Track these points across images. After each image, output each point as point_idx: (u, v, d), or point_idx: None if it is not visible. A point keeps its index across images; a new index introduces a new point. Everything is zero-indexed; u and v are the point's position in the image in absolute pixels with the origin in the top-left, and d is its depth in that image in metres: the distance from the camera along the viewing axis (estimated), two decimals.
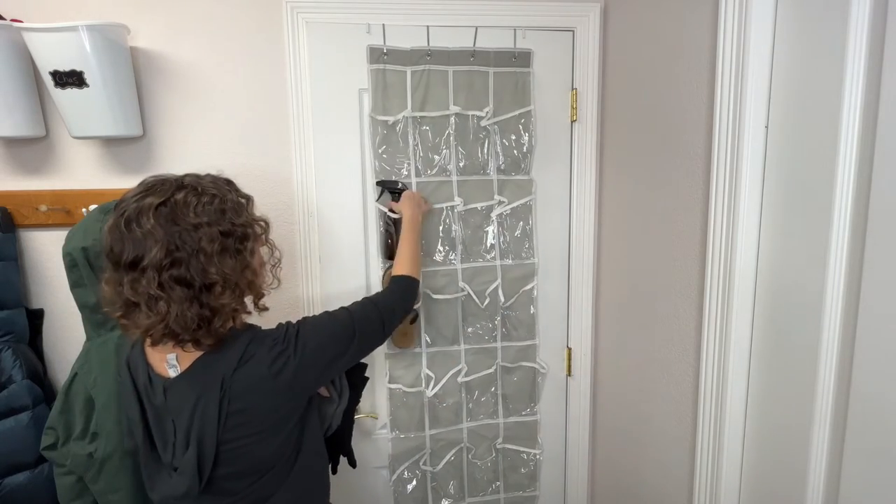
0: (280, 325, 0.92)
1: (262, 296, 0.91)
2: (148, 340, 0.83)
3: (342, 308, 0.99)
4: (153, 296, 0.75)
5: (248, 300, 0.89)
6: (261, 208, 0.97)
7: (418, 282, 1.11)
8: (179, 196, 0.78)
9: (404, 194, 1.33)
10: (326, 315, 0.96)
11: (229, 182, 0.88)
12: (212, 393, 0.81)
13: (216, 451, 0.82)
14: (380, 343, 1.04)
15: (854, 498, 0.80)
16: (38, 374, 1.35)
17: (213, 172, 0.88)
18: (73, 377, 1.27)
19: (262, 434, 0.86)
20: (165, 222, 0.75)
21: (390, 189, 1.36)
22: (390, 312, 1.03)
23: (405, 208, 1.28)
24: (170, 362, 0.83)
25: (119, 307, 0.79)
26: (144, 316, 0.77)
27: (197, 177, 0.84)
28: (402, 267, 1.15)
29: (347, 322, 0.95)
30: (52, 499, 1.30)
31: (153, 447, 0.90)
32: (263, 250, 0.92)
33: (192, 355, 0.84)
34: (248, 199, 0.89)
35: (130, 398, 0.89)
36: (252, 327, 0.89)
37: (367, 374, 1.14)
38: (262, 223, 0.90)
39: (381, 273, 1.42)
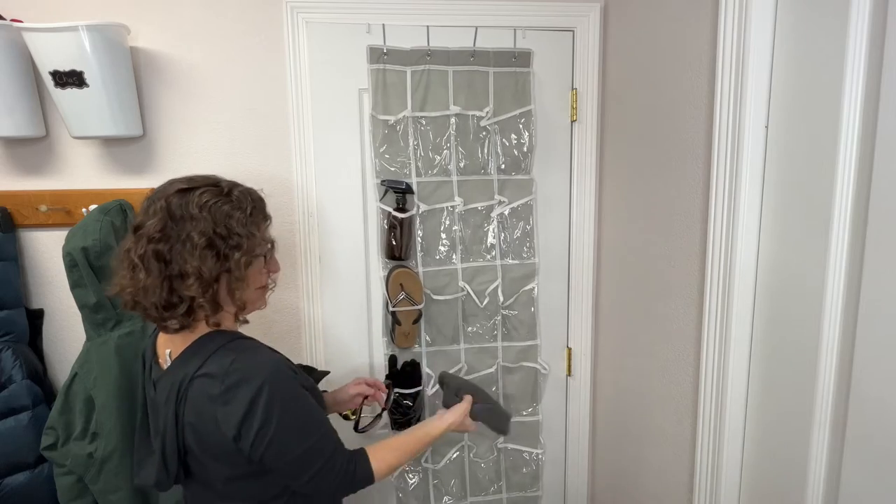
0: (254, 364, 0.83)
1: (244, 309, 0.89)
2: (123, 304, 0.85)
3: (324, 419, 0.89)
4: (135, 264, 0.80)
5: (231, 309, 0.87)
6: None
7: (370, 483, 0.92)
8: (199, 191, 0.82)
9: (459, 408, 1.10)
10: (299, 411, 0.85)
11: (259, 199, 0.90)
12: (172, 395, 0.81)
13: (181, 454, 0.83)
14: (297, 481, 0.87)
15: (854, 498, 0.80)
16: (38, 374, 1.35)
17: (257, 189, 0.92)
18: (73, 377, 1.27)
19: (214, 457, 0.83)
20: (175, 206, 0.80)
21: (394, 189, 1.36)
22: (332, 476, 0.87)
23: (452, 415, 1.08)
24: (166, 356, 0.86)
25: (122, 273, 0.83)
26: (122, 277, 0.82)
27: (233, 184, 0.88)
28: (380, 458, 0.94)
29: (313, 436, 0.85)
30: (52, 499, 1.30)
31: (148, 434, 0.93)
32: (262, 270, 0.91)
33: (177, 351, 0.85)
34: (267, 218, 0.92)
35: (141, 388, 0.94)
36: (232, 334, 0.86)
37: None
38: (267, 244, 0.91)
39: (382, 273, 1.42)
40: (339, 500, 1.00)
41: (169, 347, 0.87)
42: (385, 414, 1.22)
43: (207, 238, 0.80)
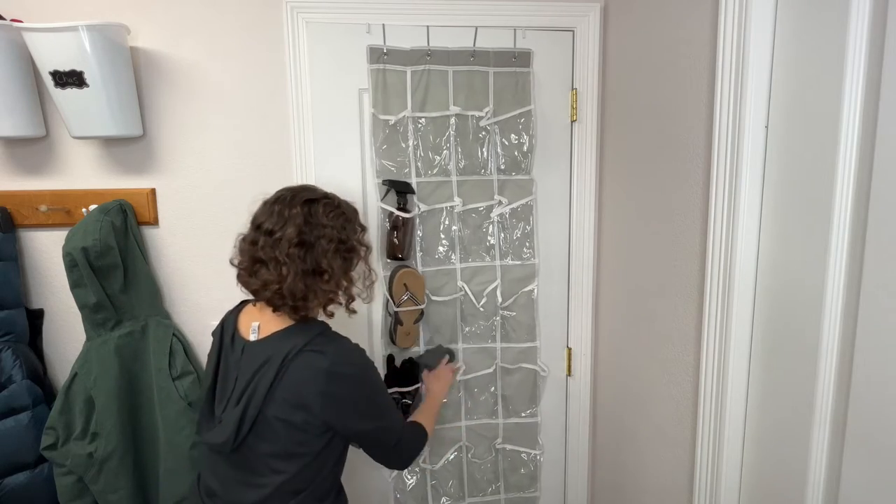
0: (356, 346, 1.02)
1: (354, 300, 1.07)
2: (251, 304, 1.03)
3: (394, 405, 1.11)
4: (280, 260, 0.93)
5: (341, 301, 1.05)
6: None
7: (427, 438, 1.18)
8: (322, 203, 0.99)
9: (436, 373, 1.39)
10: (385, 391, 1.08)
11: (356, 211, 1.07)
12: (274, 362, 0.93)
13: (256, 417, 0.93)
14: (376, 453, 1.08)
15: (854, 498, 0.80)
16: (38, 374, 1.35)
17: (349, 201, 1.07)
18: (73, 377, 1.27)
19: (291, 423, 0.94)
20: (306, 213, 0.96)
21: (396, 189, 1.36)
22: (406, 443, 1.10)
23: (434, 384, 1.36)
24: (253, 328, 1.00)
25: (245, 263, 0.98)
26: (267, 273, 0.94)
27: (337, 197, 1.04)
28: (421, 420, 1.20)
29: (389, 420, 1.05)
30: (52, 499, 1.30)
31: (213, 399, 1.03)
32: (361, 268, 1.10)
33: (270, 328, 0.99)
34: (365, 228, 1.08)
35: (213, 352, 1.05)
36: (325, 324, 1.03)
37: None
38: (366, 247, 1.07)
39: (385, 273, 1.41)
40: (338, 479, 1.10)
41: (258, 321, 1.00)
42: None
43: (335, 243, 0.97)
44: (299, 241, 0.94)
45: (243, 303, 1.09)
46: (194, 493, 1.06)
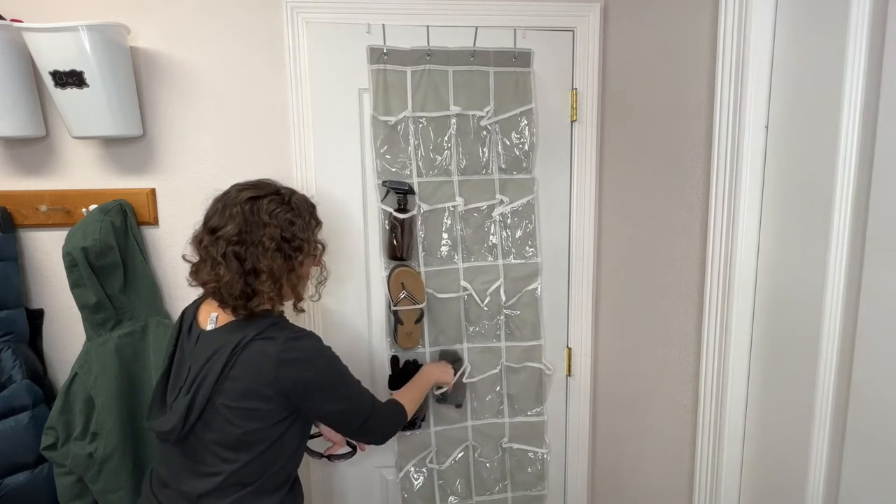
0: (310, 333, 1.01)
1: (301, 299, 1.06)
2: (206, 300, 1.03)
3: (359, 383, 1.08)
4: (217, 260, 0.93)
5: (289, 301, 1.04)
6: None
7: (407, 417, 1.17)
8: (266, 199, 0.96)
9: (440, 362, 1.41)
10: (346, 373, 1.05)
11: (312, 206, 1.05)
12: (224, 351, 0.93)
13: (205, 406, 0.93)
14: (346, 432, 1.12)
15: (854, 498, 0.80)
16: (38, 374, 1.35)
17: (308, 196, 1.06)
18: (73, 377, 1.27)
19: (241, 412, 0.93)
20: (247, 212, 0.94)
21: (396, 189, 1.36)
22: (377, 419, 1.09)
23: (431, 367, 1.38)
24: (211, 318, 1.00)
25: (193, 259, 1.00)
26: (206, 273, 0.95)
27: (291, 191, 1.03)
28: (403, 398, 1.20)
29: (355, 391, 1.05)
30: (52, 499, 1.30)
31: (166, 388, 1.02)
32: (314, 268, 1.09)
33: (229, 318, 0.99)
34: (319, 223, 1.06)
35: (171, 341, 1.05)
36: (282, 316, 1.03)
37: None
38: (320, 245, 1.07)
39: (384, 274, 1.42)
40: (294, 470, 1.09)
41: (216, 312, 1.00)
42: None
43: (277, 242, 0.94)
44: (238, 240, 0.93)
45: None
46: (146, 484, 1.05)
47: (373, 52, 1.34)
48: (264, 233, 0.94)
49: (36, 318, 1.39)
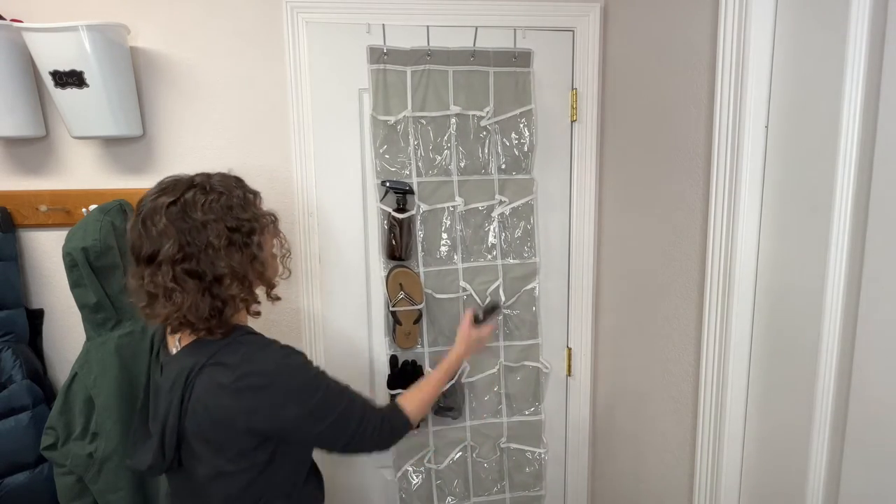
0: (269, 343, 0.88)
1: (274, 286, 0.94)
2: (169, 329, 0.87)
3: (345, 387, 0.93)
4: (169, 288, 0.80)
5: (261, 291, 0.91)
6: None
7: (410, 428, 1.01)
8: (189, 195, 0.82)
9: (467, 335, 1.22)
10: (320, 380, 0.89)
11: (238, 179, 0.90)
12: (179, 381, 0.83)
13: (177, 442, 0.84)
14: (334, 449, 0.93)
15: (854, 498, 0.80)
16: (38, 374, 1.35)
17: (224, 171, 0.91)
18: (73, 377, 1.27)
19: (213, 445, 0.83)
20: (177, 220, 0.80)
21: (395, 189, 1.36)
22: (370, 427, 0.92)
23: (461, 346, 1.20)
24: (176, 341, 0.88)
25: (142, 298, 0.83)
26: (162, 306, 0.81)
27: (207, 176, 0.87)
28: (410, 402, 1.03)
29: (335, 401, 0.89)
30: (52, 499, 1.30)
31: (146, 421, 0.93)
32: (274, 242, 0.95)
33: (190, 338, 0.86)
34: (256, 194, 0.91)
35: (144, 369, 0.97)
36: (238, 328, 0.88)
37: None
38: (270, 216, 0.92)
39: (383, 274, 1.42)
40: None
41: (180, 333, 0.87)
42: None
43: (225, 237, 0.81)
44: (184, 256, 0.79)
45: None
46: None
47: (373, 51, 1.34)
48: (207, 233, 0.80)
49: (36, 318, 1.39)
